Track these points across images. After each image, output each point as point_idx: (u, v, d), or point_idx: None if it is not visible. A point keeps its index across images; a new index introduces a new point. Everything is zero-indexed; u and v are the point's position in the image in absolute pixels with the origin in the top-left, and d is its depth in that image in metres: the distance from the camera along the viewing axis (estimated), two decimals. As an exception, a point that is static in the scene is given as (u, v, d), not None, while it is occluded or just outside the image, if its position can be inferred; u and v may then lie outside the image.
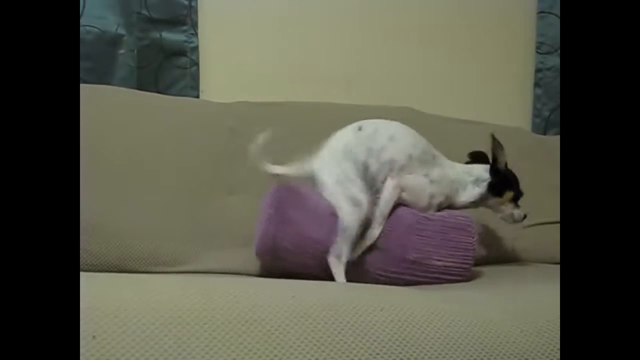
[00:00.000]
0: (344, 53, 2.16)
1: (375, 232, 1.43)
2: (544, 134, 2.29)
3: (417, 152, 1.49)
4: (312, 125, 1.52)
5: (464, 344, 0.90)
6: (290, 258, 1.44)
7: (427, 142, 1.53)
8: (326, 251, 1.40)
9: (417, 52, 2.23)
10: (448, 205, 1.55)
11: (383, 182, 1.45)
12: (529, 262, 1.73)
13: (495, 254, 1.80)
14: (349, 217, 1.39)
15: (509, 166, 1.58)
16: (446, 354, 0.88)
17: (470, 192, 1.57)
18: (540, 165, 1.98)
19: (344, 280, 1.36)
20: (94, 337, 0.72)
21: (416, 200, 1.48)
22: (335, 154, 1.47)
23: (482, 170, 1.59)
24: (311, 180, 1.47)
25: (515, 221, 1.64)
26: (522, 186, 1.58)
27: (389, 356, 0.85)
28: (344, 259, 1.38)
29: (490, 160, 1.59)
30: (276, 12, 2.09)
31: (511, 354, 0.91)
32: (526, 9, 2.31)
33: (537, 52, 2.31)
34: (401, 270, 1.41)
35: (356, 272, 1.40)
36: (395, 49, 2.21)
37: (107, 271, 1.36)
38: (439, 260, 1.41)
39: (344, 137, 1.49)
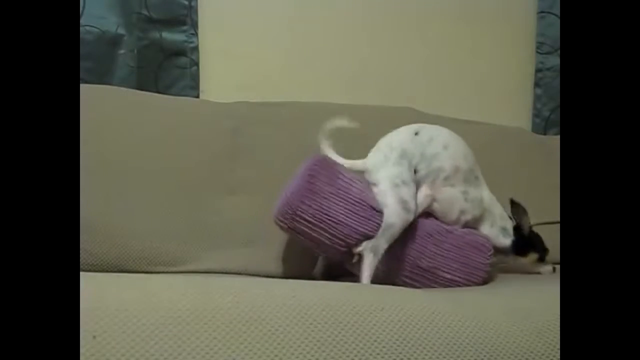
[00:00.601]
0: (345, 53, 2.16)
1: None
2: (544, 134, 2.29)
3: (465, 167, 1.50)
4: (312, 125, 1.51)
5: (464, 344, 0.90)
6: (307, 231, 1.41)
7: (476, 162, 1.55)
8: (343, 235, 1.40)
9: (418, 52, 2.23)
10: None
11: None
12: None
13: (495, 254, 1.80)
14: (395, 217, 1.39)
15: (510, 166, 1.57)
16: (446, 354, 0.88)
17: (495, 234, 1.56)
18: (540, 165, 1.98)
19: (370, 276, 1.36)
20: (94, 337, 0.72)
21: (446, 213, 1.49)
22: (392, 155, 1.46)
23: (510, 224, 1.59)
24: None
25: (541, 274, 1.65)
26: (522, 186, 1.58)
27: (389, 356, 0.85)
28: (380, 255, 1.37)
29: (515, 222, 1.60)
30: (276, 12, 2.09)
31: (511, 354, 0.91)
32: (526, 9, 2.31)
33: (537, 52, 2.30)
34: (412, 275, 1.41)
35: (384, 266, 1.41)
36: (396, 49, 2.21)
37: (107, 271, 1.36)
38: (448, 273, 1.41)
39: (401, 140, 1.49)
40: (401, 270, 1.42)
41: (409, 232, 1.43)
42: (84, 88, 1.75)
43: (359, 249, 1.39)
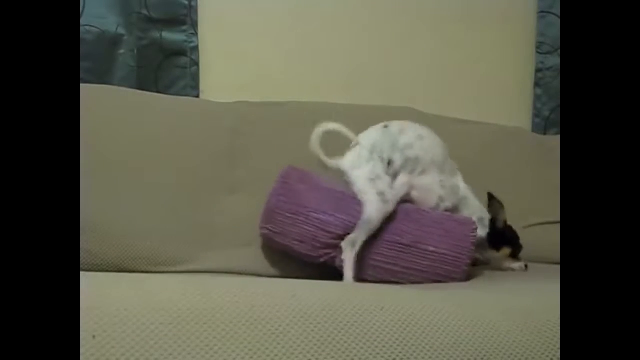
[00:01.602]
0: (345, 53, 2.16)
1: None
2: (544, 133, 2.29)
3: (440, 158, 1.52)
4: (312, 125, 1.51)
5: (464, 343, 0.90)
6: (288, 229, 1.48)
7: (448, 154, 1.57)
8: (321, 223, 1.45)
9: (418, 52, 2.23)
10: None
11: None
12: (528, 262, 1.73)
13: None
14: (375, 211, 1.42)
15: (511, 166, 1.57)
16: (446, 353, 0.88)
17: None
18: (540, 165, 1.98)
19: (352, 268, 1.38)
20: (94, 336, 0.72)
21: (425, 200, 1.51)
22: (363, 153, 1.49)
23: (487, 218, 1.61)
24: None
25: (511, 269, 1.66)
26: (522, 186, 1.57)
27: (389, 356, 0.85)
28: (357, 248, 1.40)
29: (490, 216, 1.61)
30: (276, 12, 2.09)
31: (511, 354, 0.91)
32: (526, 9, 2.31)
33: (538, 52, 2.30)
34: (394, 254, 1.41)
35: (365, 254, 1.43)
36: (396, 49, 2.21)
37: (107, 271, 1.36)
38: (431, 245, 1.42)
39: (370, 135, 1.52)
40: (380, 249, 1.43)
41: (393, 215, 1.45)
42: (84, 88, 1.75)
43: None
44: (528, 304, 1.05)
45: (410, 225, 1.45)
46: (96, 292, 0.81)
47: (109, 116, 1.68)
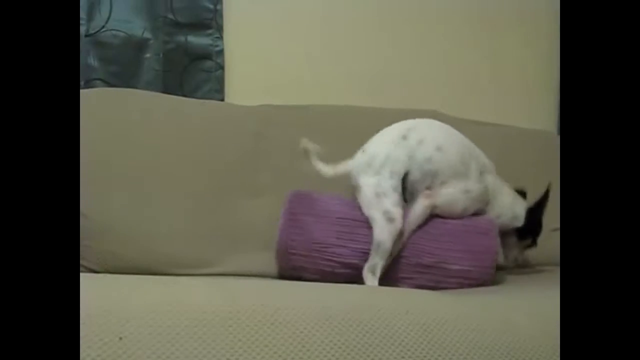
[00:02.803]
0: (369, 56, 2.16)
1: (396, 249, 1.42)
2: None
3: (462, 166, 1.47)
4: (336, 128, 1.52)
5: (489, 347, 0.89)
6: (305, 265, 1.45)
7: (476, 150, 1.53)
8: (338, 256, 1.42)
9: (441, 55, 2.22)
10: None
11: (420, 191, 1.45)
12: (553, 266, 1.71)
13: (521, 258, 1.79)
14: (383, 233, 1.38)
15: (536, 168, 1.56)
16: (472, 357, 0.88)
17: (503, 215, 1.55)
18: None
19: None
20: (120, 338, 0.73)
21: (448, 213, 1.47)
22: (374, 162, 1.45)
23: (522, 207, 1.57)
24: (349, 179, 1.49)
25: (517, 264, 1.62)
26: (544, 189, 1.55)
27: (414, 359, 0.85)
28: (378, 274, 1.38)
29: (535, 204, 1.57)
30: (301, 16, 2.09)
31: (536, 358, 0.91)
32: (549, 9, 2.29)
33: (563, 53, 2.28)
34: (417, 275, 1.40)
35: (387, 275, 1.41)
36: (419, 52, 2.21)
37: (132, 273, 1.37)
38: (454, 264, 1.40)
39: (386, 145, 1.47)
40: (403, 272, 1.41)
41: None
42: (110, 92, 1.77)
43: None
44: (552, 307, 1.04)
45: (429, 244, 1.42)
46: (121, 294, 0.82)
47: (135, 119, 1.69)
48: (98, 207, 1.53)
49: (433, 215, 1.46)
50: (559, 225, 1.82)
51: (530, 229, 1.57)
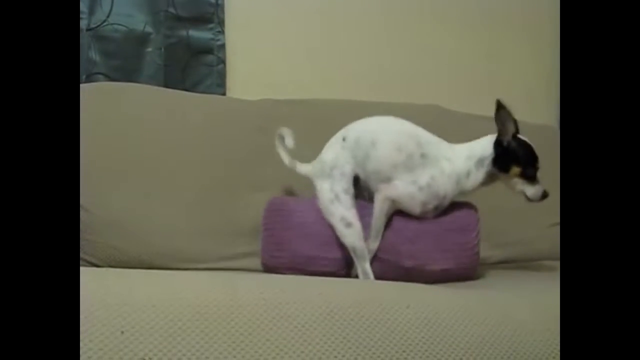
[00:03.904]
0: (371, 51, 2.16)
1: (372, 246, 1.43)
2: (572, 131, 2.27)
3: (402, 158, 1.44)
4: (338, 123, 1.51)
5: (490, 341, 0.90)
6: (295, 273, 1.46)
7: (418, 135, 1.47)
8: (321, 266, 1.44)
9: (443, 50, 2.22)
10: (456, 196, 1.48)
11: (374, 189, 1.45)
12: (557, 260, 1.71)
13: (523, 252, 1.79)
14: (348, 239, 1.41)
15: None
16: (473, 351, 0.88)
17: (475, 177, 1.47)
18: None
19: None
20: (122, 332, 0.73)
21: (409, 208, 1.45)
22: (324, 167, 1.48)
23: (486, 146, 1.48)
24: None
25: (530, 200, 1.48)
26: (549, 183, 1.53)
27: (416, 353, 0.85)
28: (371, 275, 1.40)
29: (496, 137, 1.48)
30: (302, 10, 2.09)
31: (538, 353, 0.91)
32: (551, 5, 2.29)
33: (564, 48, 2.28)
34: (400, 277, 1.39)
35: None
36: (421, 46, 2.20)
37: (134, 267, 1.37)
38: (434, 264, 1.40)
39: (331, 150, 1.49)
40: (388, 274, 1.40)
41: (384, 233, 1.44)
42: (111, 86, 1.77)
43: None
44: (554, 301, 1.04)
45: (407, 247, 1.42)
46: (124, 288, 0.82)
47: (136, 114, 1.69)
48: (100, 201, 1.54)
49: (408, 216, 1.45)
50: (558, 220, 1.83)
51: (502, 155, 1.47)
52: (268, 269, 1.52)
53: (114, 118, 1.65)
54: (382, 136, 1.46)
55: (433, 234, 1.43)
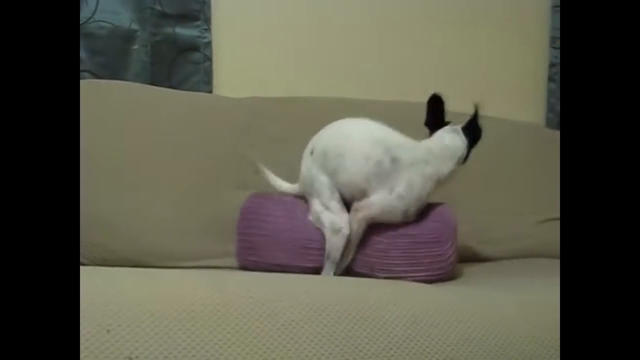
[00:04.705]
0: (358, 48, 2.15)
1: (345, 263, 1.42)
2: (558, 129, 2.28)
3: (371, 167, 1.39)
4: (325, 120, 1.51)
5: (477, 338, 0.90)
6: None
7: (385, 139, 1.43)
8: (296, 271, 1.41)
9: (431, 47, 2.22)
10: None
11: (351, 200, 1.42)
12: (543, 258, 1.72)
13: (509, 249, 1.80)
14: (332, 245, 1.39)
15: (524, 161, 1.54)
16: (459, 348, 0.88)
17: (455, 173, 1.46)
18: (554, 160, 1.97)
19: None
20: (108, 331, 0.72)
21: (390, 220, 1.42)
22: (306, 183, 1.47)
23: (459, 141, 1.49)
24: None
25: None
26: (535, 181, 1.54)
27: (402, 350, 0.85)
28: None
29: (467, 121, 1.52)
30: (289, 8, 2.09)
31: (525, 348, 0.91)
32: (540, 3, 2.30)
33: (551, 46, 2.29)
34: None
35: None
36: (409, 44, 2.20)
37: (120, 266, 1.37)
38: (407, 276, 1.36)
39: (304, 164, 1.48)
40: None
41: (359, 245, 1.43)
42: (97, 83, 1.76)
43: None
44: (542, 299, 1.04)
45: (379, 260, 1.41)
46: (110, 287, 0.82)
47: (123, 111, 1.69)
48: (85, 199, 1.52)
49: (381, 229, 1.43)
50: (553, 217, 1.84)
51: (474, 141, 1.51)
52: (241, 267, 1.52)
53: (99, 116, 1.64)
54: (348, 146, 1.41)
55: (406, 247, 1.41)
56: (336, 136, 1.45)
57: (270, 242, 1.47)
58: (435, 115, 1.51)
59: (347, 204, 1.44)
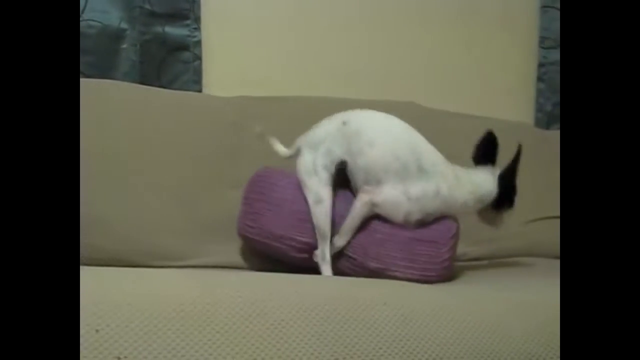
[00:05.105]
0: (347, 47, 2.15)
1: (339, 243, 1.41)
2: (547, 128, 2.29)
3: (396, 166, 1.38)
4: (314, 120, 1.51)
5: (467, 337, 0.90)
6: (262, 247, 1.50)
7: (418, 146, 1.43)
8: (288, 246, 1.45)
9: (420, 47, 2.23)
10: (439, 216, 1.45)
11: (359, 185, 1.42)
12: (532, 257, 1.73)
13: (499, 249, 1.80)
14: (315, 216, 1.40)
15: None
16: (449, 347, 0.88)
17: (468, 209, 1.47)
18: (542, 160, 1.98)
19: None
20: (97, 331, 0.72)
21: (390, 216, 1.40)
22: (313, 139, 1.46)
23: (490, 184, 1.48)
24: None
25: (496, 226, 1.54)
26: (524, 180, 1.54)
27: (392, 350, 0.85)
28: (328, 258, 1.39)
29: (505, 170, 1.50)
30: (279, 7, 2.08)
31: (515, 347, 0.91)
32: (529, 3, 2.31)
33: (540, 46, 2.30)
34: (362, 277, 1.39)
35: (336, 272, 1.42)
36: (398, 43, 2.21)
37: (110, 265, 1.36)
38: (397, 272, 1.36)
39: (327, 127, 1.46)
40: (352, 272, 1.41)
41: (357, 232, 1.42)
42: (87, 82, 1.75)
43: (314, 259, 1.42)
44: (532, 298, 1.05)
45: (374, 248, 1.39)
46: (99, 286, 0.82)
47: (112, 111, 1.68)
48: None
49: (383, 219, 1.42)
50: (542, 216, 1.84)
51: (504, 196, 1.50)
52: (242, 237, 1.54)
53: (89, 115, 1.64)
54: (381, 138, 1.41)
55: (403, 241, 1.39)
56: (374, 124, 1.45)
57: (272, 210, 1.47)
58: (483, 152, 1.51)
59: (353, 188, 1.44)
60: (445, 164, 1.45)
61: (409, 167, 1.39)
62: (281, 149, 1.55)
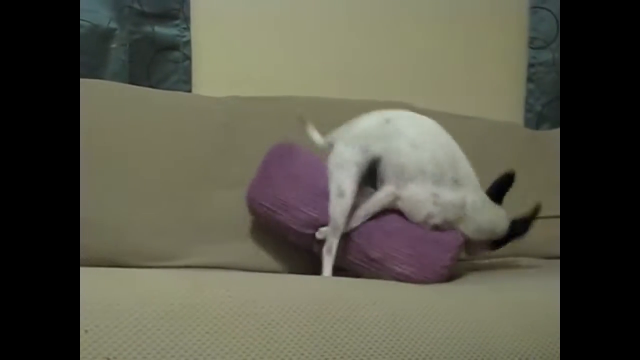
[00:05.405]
0: (338, 47, 2.15)
1: (352, 224, 1.41)
2: (537, 128, 2.29)
3: (433, 171, 1.41)
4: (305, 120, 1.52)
5: (457, 337, 0.90)
6: (271, 216, 1.50)
7: (457, 160, 1.46)
8: (299, 220, 1.45)
9: (411, 47, 2.23)
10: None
11: (388, 179, 1.42)
12: (523, 257, 1.73)
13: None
14: (333, 208, 1.40)
15: (503, 161, 1.55)
16: (439, 347, 0.88)
17: (474, 234, 1.47)
18: (532, 160, 1.99)
19: (329, 273, 1.39)
20: (86, 331, 0.72)
21: (411, 214, 1.41)
22: (350, 133, 1.46)
23: (505, 225, 1.51)
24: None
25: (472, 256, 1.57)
26: (516, 181, 1.56)
27: (382, 350, 0.85)
28: (334, 252, 1.39)
29: (521, 219, 1.52)
30: (269, 6, 2.08)
31: (507, 348, 0.92)
32: (519, 4, 2.31)
33: (530, 47, 2.31)
34: (364, 264, 1.39)
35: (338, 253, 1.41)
36: (389, 44, 2.21)
37: (99, 266, 1.36)
38: (397, 266, 1.36)
39: (367, 122, 1.46)
40: (352, 256, 1.41)
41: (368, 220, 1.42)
42: (75, 82, 1.75)
43: (318, 249, 1.42)
44: (524, 298, 1.05)
45: (379, 238, 1.40)
46: (88, 287, 0.81)
47: (101, 110, 1.67)
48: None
49: (397, 211, 1.43)
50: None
51: (508, 239, 1.53)
52: (250, 206, 1.55)
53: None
54: (426, 142, 1.43)
55: (410, 238, 1.40)
56: (418, 129, 1.46)
57: (286, 180, 1.48)
58: (497, 189, 1.53)
59: (379, 183, 1.45)
60: (476, 182, 1.48)
61: (445, 174, 1.42)
62: (317, 137, 1.56)
